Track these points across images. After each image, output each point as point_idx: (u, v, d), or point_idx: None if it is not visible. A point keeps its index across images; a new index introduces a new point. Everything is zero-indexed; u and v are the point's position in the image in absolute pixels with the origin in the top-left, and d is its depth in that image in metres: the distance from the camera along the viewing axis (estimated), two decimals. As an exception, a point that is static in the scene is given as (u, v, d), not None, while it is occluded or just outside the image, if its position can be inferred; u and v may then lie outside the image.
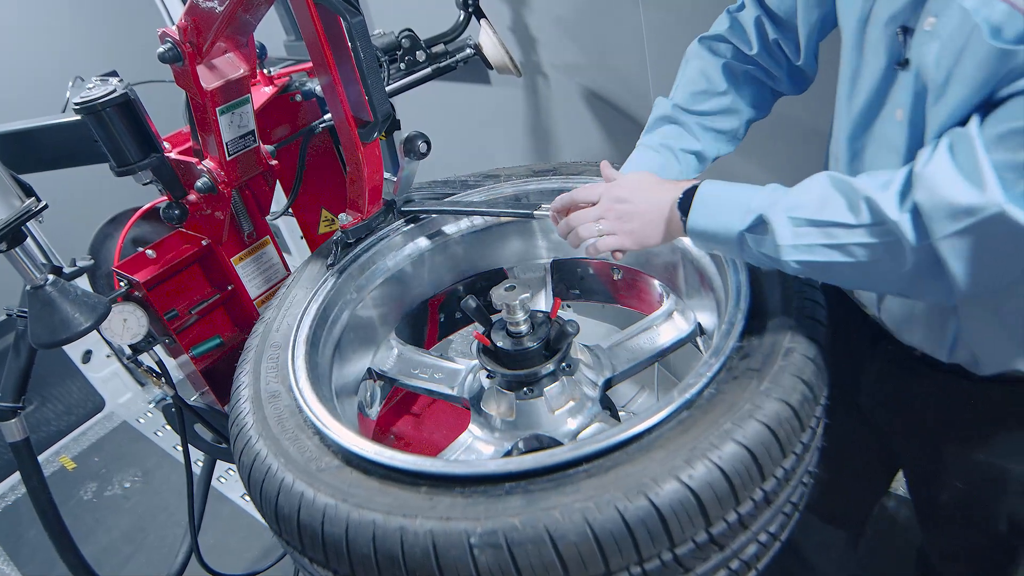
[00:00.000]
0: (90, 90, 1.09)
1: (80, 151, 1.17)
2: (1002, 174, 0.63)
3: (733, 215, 0.81)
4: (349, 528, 0.70)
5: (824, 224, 0.74)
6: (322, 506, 0.73)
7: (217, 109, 1.11)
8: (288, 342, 1.00)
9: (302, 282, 1.15)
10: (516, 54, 2.06)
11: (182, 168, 1.23)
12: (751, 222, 0.79)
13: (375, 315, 1.23)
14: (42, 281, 0.98)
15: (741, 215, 0.80)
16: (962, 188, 0.64)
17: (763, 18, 1.00)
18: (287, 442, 0.84)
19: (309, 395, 0.90)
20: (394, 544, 0.67)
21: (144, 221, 1.42)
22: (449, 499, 0.70)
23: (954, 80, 0.69)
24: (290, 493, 0.76)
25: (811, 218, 0.75)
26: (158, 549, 2.38)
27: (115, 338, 1.25)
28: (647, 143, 1.06)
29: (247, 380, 0.98)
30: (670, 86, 1.12)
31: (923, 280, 0.72)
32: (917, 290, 0.76)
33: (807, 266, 0.77)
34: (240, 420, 0.91)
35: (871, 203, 0.71)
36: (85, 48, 2.98)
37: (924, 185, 0.67)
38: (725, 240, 0.82)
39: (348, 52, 0.88)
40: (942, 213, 0.65)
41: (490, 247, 1.31)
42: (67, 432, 2.97)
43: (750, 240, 0.80)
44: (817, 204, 0.75)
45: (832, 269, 0.76)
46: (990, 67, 0.65)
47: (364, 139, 0.95)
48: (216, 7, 0.96)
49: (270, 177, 1.36)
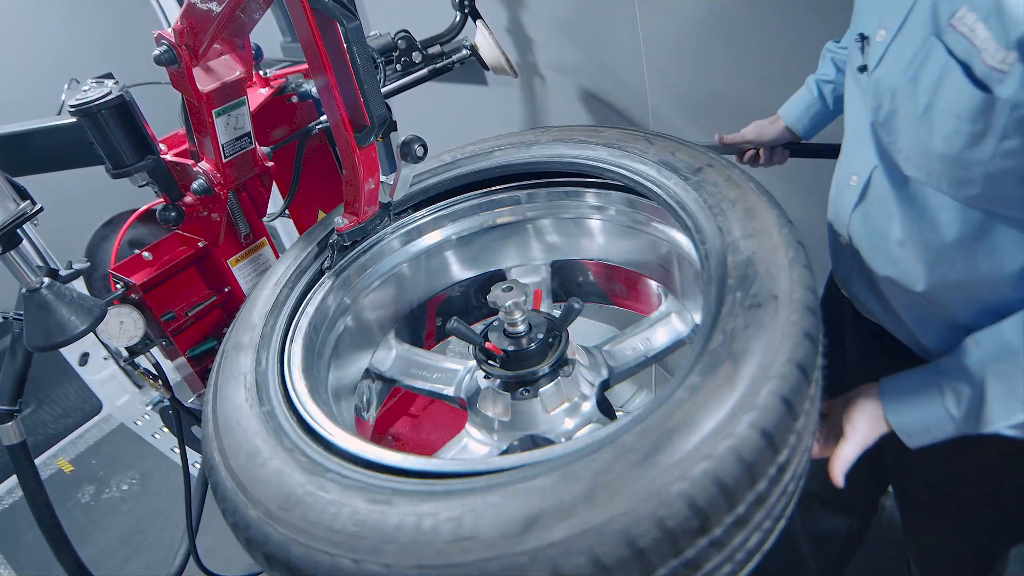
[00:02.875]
0: (85, 92, 1.08)
1: (76, 153, 1.16)
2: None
3: (945, 433, 0.85)
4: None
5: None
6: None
7: (213, 111, 1.11)
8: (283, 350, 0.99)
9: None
10: (512, 55, 2.06)
11: (178, 170, 1.23)
12: (975, 432, 0.84)
13: (372, 318, 1.23)
14: (37, 284, 0.97)
15: (955, 432, 0.85)
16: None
17: None
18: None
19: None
20: None
21: (140, 223, 1.42)
22: None
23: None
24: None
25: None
26: (156, 551, 2.38)
27: (112, 341, 1.24)
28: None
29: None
30: (666, 85, 1.13)
31: None
32: None
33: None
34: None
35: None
36: (81, 50, 2.98)
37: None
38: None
39: (344, 56, 0.88)
40: None
41: (486, 249, 1.30)
42: (64, 435, 2.96)
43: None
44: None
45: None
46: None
47: (360, 143, 0.95)
48: (214, 9, 0.96)
49: (266, 179, 1.36)
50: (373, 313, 1.23)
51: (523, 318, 1.00)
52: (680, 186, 0.94)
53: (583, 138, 1.11)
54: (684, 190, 0.93)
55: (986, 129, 0.72)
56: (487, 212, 1.26)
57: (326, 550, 0.64)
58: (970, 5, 0.70)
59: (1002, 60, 0.68)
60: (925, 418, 0.85)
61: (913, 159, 0.83)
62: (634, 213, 1.15)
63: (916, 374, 0.88)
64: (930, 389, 0.85)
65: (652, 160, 1.00)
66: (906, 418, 0.87)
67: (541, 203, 1.23)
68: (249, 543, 0.72)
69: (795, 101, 1.30)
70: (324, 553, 0.64)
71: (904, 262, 0.93)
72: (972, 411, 0.82)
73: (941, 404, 0.83)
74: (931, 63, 0.76)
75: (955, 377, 0.83)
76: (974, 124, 0.73)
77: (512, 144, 1.19)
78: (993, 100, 0.70)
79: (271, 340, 0.96)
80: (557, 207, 1.23)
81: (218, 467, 0.79)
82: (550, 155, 1.13)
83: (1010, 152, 0.72)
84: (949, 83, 0.74)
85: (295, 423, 0.82)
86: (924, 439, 0.86)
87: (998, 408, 0.80)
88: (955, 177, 0.79)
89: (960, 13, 0.71)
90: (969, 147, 0.75)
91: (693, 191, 0.91)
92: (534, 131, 1.21)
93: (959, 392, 0.82)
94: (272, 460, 0.75)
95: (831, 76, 1.24)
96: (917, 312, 0.97)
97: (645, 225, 1.15)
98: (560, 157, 1.11)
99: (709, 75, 1.68)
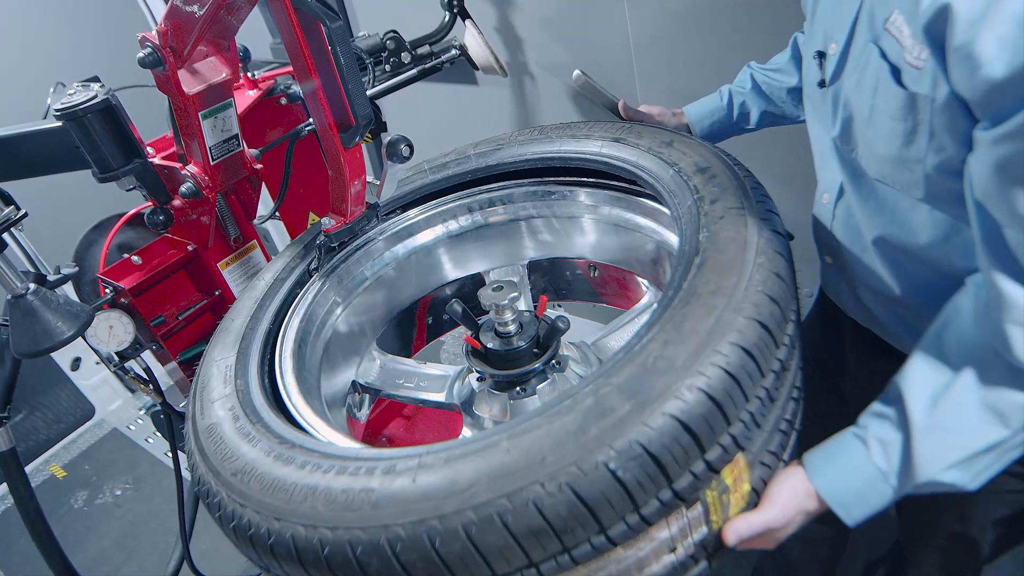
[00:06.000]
0: (71, 96, 1.08)
1: (62, 158, 1.15)
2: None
3: (882, 497, 0.76)
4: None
5: (987, 449, 0.71)
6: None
7: (200, 114, 1.11)
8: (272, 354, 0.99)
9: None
10: (502, 54, 2.06)
11: (166, 173, 1.22)
12: (909, 489, 0.75)
13: (361, 322, 1.22)
14: (23, 290, 0.97)
15: (891, 492, 0.76)
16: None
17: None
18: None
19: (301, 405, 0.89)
20: None
21: (129, 227, 1.41)
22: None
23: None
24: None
25: (973, 453, 0.71)
26: (150, 556, 2.37)
27: (101, 346, 1.24)
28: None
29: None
30: (656, 84, 1.14)
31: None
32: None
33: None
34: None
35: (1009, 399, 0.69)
36: (66, 53, 2.95)
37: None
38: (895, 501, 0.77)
39: (328, 57, 0.88)
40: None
41: (476, 249, 1.30)
42: (57, 440, 2.94)
43: (920, 491, 0.75)
44: (967, 437, 0.71)
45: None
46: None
47: (346, 144, 0.95)
48: (196, 11, 0.96)
49: (255, 181, 1.35)
50: (361, 317, 1.22)
51: (513, 318, 1.00)
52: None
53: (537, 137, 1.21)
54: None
55: (915, 127, 0.74)
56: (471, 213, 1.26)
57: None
58: (899, 7, 0.72)
59: (917, 55, 0.70)
60: (854, 479, 0.76)
61: (871, 165, 0.85)
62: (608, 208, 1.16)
63: (839, 436, 0.80)
64: (853, 445, 0.77)
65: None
66: (833, 482, 0.76)
67: (519, 202, 1.25)
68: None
69: (702, 103, 1.29)
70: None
71: (884, 270, 0.94)
72: (902, 461, 0.74)
73: (867, 458, 0.75)
74: (870, 68, 0.78)
75: (876, 427, 0.76)
76: (904, 123, 0.75)
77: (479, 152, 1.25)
78: (914, 97, 0.72)
79: (253, 341, 0.98)
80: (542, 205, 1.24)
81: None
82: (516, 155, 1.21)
83: (941, 149, 0.73)
84: (883, 85, 0.76)
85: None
86: (862, 510, 0.76)
87: (927, 451, 0.72)
88: (902, 179, 0.80)
89: (892, 16, 0.73)
90: (905, 146, 0.77)
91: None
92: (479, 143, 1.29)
93: (884, 442, 0.75)
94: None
95: (745, 88, 1.25)
96: (901, 318, 0.97)
97: (626, 221, 1.16)
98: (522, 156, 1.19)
99: (698, 72, 1.68)
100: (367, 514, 0.64)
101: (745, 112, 1.25)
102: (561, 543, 0.62)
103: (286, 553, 0.67)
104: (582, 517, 0.61)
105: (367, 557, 0.63)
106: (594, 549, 0.63)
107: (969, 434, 0.71)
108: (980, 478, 0.73)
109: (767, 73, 1.23)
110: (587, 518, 0.61)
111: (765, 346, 0.69)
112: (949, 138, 0.71)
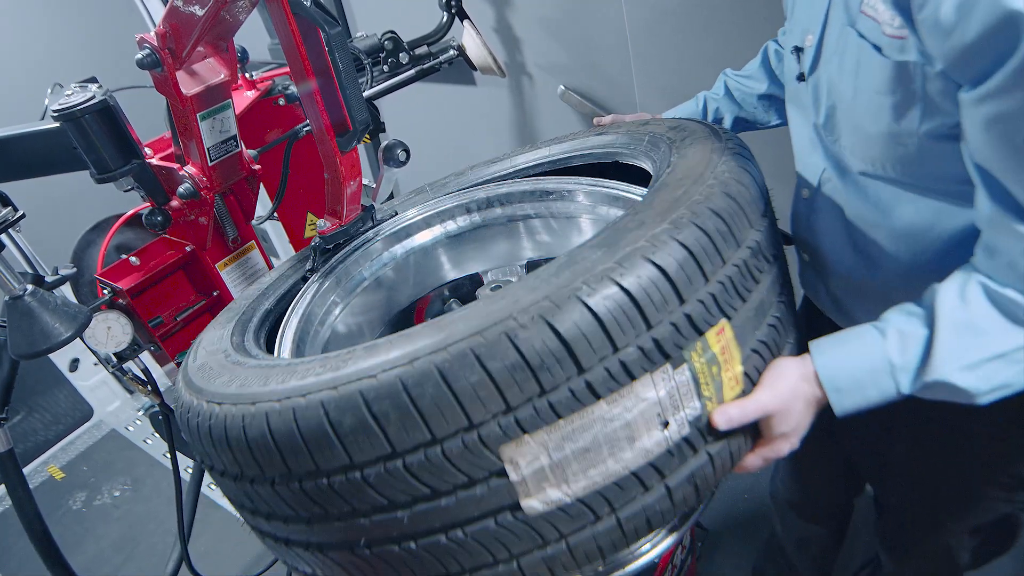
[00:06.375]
0: (69, 97, 1.08)
1: (60, 159, 1.15)
2: None
3: (882, 392, 0.74)
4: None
5: (1006, 354, 0.69)
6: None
7: (198, 115, 1.11)
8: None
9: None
10: (500, 55, 2.06)
11: (164, 174, 1.22)
12: (915, 388, 0.73)
13: (359, 322, 1.22)
14: (21, 291, 0.96)
15: (893, 389, 0.73)
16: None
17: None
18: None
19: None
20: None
21: (127, 228, 1.41)
22: None
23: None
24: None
25: (989, 356, 0.69)
26: (148, 558, 2.37)
27: (99, 347, 1.24)
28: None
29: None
30: (654, 84, 1.15)
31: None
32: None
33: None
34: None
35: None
36: (64, 54, 2.95)
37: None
38: (890, 399, 0.75)
39: (327, 62, 0.88)
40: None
41: (474, 249, 1.30)
42: (55, 441, 2.94)
43: (923, 393, 0.73)
44: (984, 337, 0.70)
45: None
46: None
47: (343, 148, 0.96)
48: (197, 12, 0.96)
49: (253, 182, 1.35)
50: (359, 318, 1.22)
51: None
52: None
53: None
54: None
55: (907, 98, 0.75)
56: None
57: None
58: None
59: (899, 27, 0.71)
60: (859, 365, 0.74)
61: (856, 150, 0.86)
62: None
63: (855, 327, 0.77)
64: (869, 333, 0.75)
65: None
66: (835, 364, 0.74)
67: (517, 202, 1.26)
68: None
69: (680, 108, 1.32)
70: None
71: (862, 264, 0.95)
72: (922, 356, 0.71)
73: (880, 347, 0.73)
74: (849, 50, 0.81)
75: (901, 320, 0.74)
76: (894, 95, 0.76)
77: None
78: (902, 67, 0.73)
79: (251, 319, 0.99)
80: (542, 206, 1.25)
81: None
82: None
83: (934, 115, 0.74)
84: (865, 63, 0.78)
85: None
86: (855, 399, 0.74)
87: (949, 347, 0.70)
88: (896, 156, 0.81)
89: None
90: (896, 120, 0.77)
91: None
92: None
93: (905, 334, 0.72)
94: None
95: (719, 95, 1.28)
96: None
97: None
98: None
99: (695, 72, 1.68)
100: (338, 375, 0.63)
101: (719, 118, 1.28)
102: (538, 383, 0.60)
103: (259, 435, 0.65)
104: (557, 351, 0.60)
105: (339, 415, 0.61)
106: (575, 397, 0.62)
107: (994, 334, 0.69)
108: (990, 384, 0.70)
109: (739, 80, 1.26)
110: (562, 353, 0.60)
111: (734, 214, 0.71)
112: (947, 101, 0.72)
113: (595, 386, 0.62)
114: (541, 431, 0.62)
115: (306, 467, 0.65)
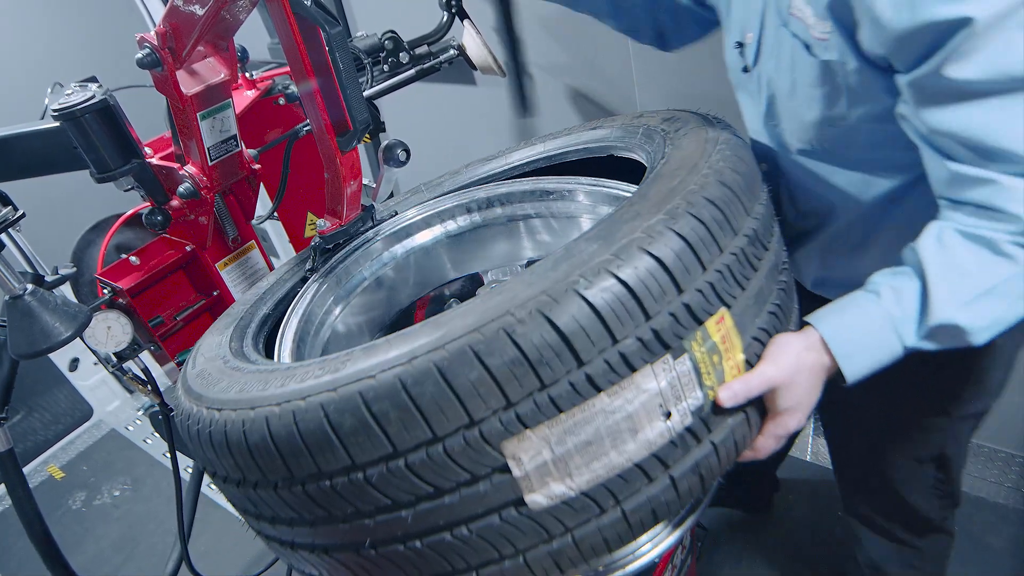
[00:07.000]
0: (69, 96, 1.07)
1: (59, 158, 1.15)
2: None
3: (888, 349, 0.75)
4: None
5: (995, 288, 0.71)
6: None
7: (198, 114, 1.11)
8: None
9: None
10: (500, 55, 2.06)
11: (164, 173, 1.22)
12: (919, 337, 0.74)
13: (359, 322, 1.22)
14: (21, 291, 0.96)
15: (899, 344, 0.75)
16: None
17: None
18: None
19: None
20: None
21: (127, 227, 1.41)
22: None
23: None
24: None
25: (981, 291, 0.72)
26: (148, 558, 2.37)
27: (99, 346, 1.23)
28: None
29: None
30: (654, 84, 1.15)
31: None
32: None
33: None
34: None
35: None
36: (64, 53, 2.95)
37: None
38: (896, 357, 0.76)
39: (327, 62, 0.88)
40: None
41: (474, 249, 1.30)
42: (55, 441, 2.94)
43: (928, 345, 0.75)
44: (971, 275, 0.72)
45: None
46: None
47: (343, 148, 0.96)
48: (197, 11, 0.95)
49: (253, 181, 1.35)
50: (358, 318, 1.22)
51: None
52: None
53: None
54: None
55: (834, 90, 0.86)
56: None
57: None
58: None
59: (823, 30, 0.82)
60: (862, 327, 0.75)
61: (796, 134, 0.97)
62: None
63: (847, 295, 0.80)
64: (863, 296, 0.77)
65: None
66: (840, 329, 0.75)
67: (517, 202, 1.26)
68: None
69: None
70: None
71: (812, 226, 1.06)
72: (920, 303, 0.73)
73: (878, 305, 0.75)
74: (784, 48, 0.91)
75: (890, 278, 0.76)
76: (823, 88, 0.87)
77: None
78: (827, 64, 0.84)
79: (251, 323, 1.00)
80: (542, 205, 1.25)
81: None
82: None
83: (860, 103, 0.85)
84: (799, 60, 0.88)
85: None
86: (864, 360, 0.75)
87: (944, 289, 0.72)
88: (829, 136, 0.92)
89: (793, 1, 0.85)
90: (828, 108, 0.88)
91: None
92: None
93: (899, 289, 0.74)
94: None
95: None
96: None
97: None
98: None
99: (696, 72, 1.68)
100: (337, 377, 0.63)
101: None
102: (538, 377, 0.60)
103: (260, 439, 0.65)
104: (556, 345, 0.60)
105: (339, 417, 0.61)
106: (575, 390, 0.61)
107: (980, 270, 0.72)
108: (985, 320, 0.72)
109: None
110: (561, 346, 0.60)
111: (730, 202, 0.72)
112: (865, 93, 0.83)
113: (595, 379, 0.62)
114: (543, 426, 0.62)
115: (308, 470, 0.65)
